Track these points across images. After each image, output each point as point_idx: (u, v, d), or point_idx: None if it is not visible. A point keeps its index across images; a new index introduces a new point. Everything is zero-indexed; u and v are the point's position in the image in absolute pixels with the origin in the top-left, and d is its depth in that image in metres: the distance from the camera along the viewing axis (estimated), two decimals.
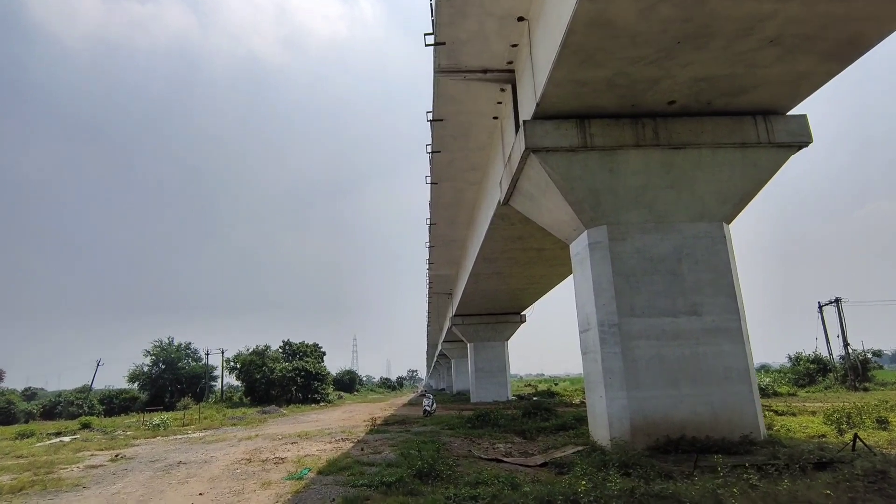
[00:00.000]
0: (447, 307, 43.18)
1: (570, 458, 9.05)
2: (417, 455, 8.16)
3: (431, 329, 61.77)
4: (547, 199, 10.97)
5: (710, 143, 10.16)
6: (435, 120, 14.44)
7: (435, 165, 17.27)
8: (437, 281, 35.15)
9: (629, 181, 10.19)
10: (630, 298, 9.97)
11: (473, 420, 15.11)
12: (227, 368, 46.20)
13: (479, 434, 13.37)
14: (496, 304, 34.79)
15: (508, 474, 6.95)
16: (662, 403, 9.49)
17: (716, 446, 8.89)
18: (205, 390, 50.66)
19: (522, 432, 13.56)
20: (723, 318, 9.96)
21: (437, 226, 23.67)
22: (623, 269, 10.11)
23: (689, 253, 10.25)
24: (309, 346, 51.55)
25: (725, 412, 9.51)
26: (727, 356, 9.79)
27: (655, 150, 10.14)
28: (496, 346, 38.06)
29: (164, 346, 55.18)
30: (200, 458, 10.45)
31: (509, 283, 27.68)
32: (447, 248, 27.22)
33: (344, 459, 9.03)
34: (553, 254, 21.77)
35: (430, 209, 21.56)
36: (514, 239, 19.41)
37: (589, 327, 10.54)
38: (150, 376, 53.17)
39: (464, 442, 12.05)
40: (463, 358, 59.39)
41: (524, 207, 12.33)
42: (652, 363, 9.66)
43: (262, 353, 44.74)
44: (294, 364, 43.45)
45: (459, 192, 19.65)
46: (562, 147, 9.98)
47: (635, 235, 10.30)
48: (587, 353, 10.71)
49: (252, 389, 42.68)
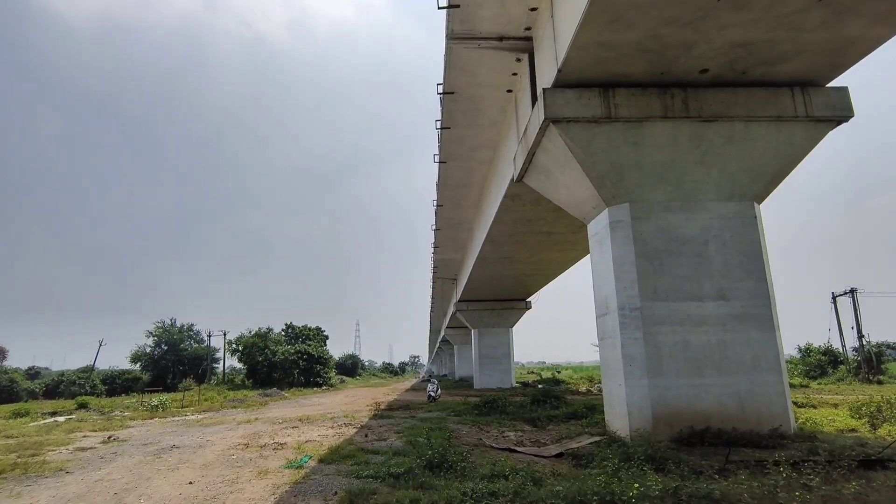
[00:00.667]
0: (451, 292, 42.67)
1: (587, 448, 8.50)
2: (426, 443, 7.61)
3: (435, 315, 61.29)
4: (565, 175, 10.29)
5: (743, 115, 9.43)
6: (446, 93, 13.71)
7: (444, 142, 16.56)
8: (442, 265, 34.54)
9: (655, 156, 9.50)
10: (653, 281, 9.34)
11: (481, 407, 14.60)
12: (230, 350, 45.96)
13: (487, 421, 12.85)
14: (502, 290, 34.23)
15: (526, 466, 6.39)
16: (686, 393, 8.91)
17: (743, 439, 8.34)
18: (207, 372, 50.54)
19: (532, 420, 13.05)
20: (752, 304, 9.33)
21: (444, 207, 22.99)
22: (646, 249, 9.47)
23: (718, 234, 9.59)
24: (312, 329, 51.31)
25: (753, 403, 8.93)
26: (756, 344, 9.18)
27: (684, 123, 9.43)
28: (501, 332, 37.57)
29: (167, 328, 55.03)
30: (195, 442, 9.95)
31: (516, 268, 27.06)
32: (453, 231, 26.55)
33: (347, 446, 8.49)
34: (563, 238, 21.12)
35: (437, 190, 20.87)
36: (523, 221, 18.74)
37: (608, 311, 9.93)
38: (152, 357, 53.09)
39: (472, 429, 11.53)
40: (466, 344, 59.12)
41: (539, 185, 11.66)
42: (676, 350, 9.07)
43: (264, 336, 44.44)
44: (297, 347, 43.16)
45: (468, 172, 18.95)
46: (583, 117, 9.28)
47: (660, 214, 9.64)
48: (605, 338, 10.12)
49: (254, 372, 42.43)
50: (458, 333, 57.76)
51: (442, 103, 14.64)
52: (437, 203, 22.72)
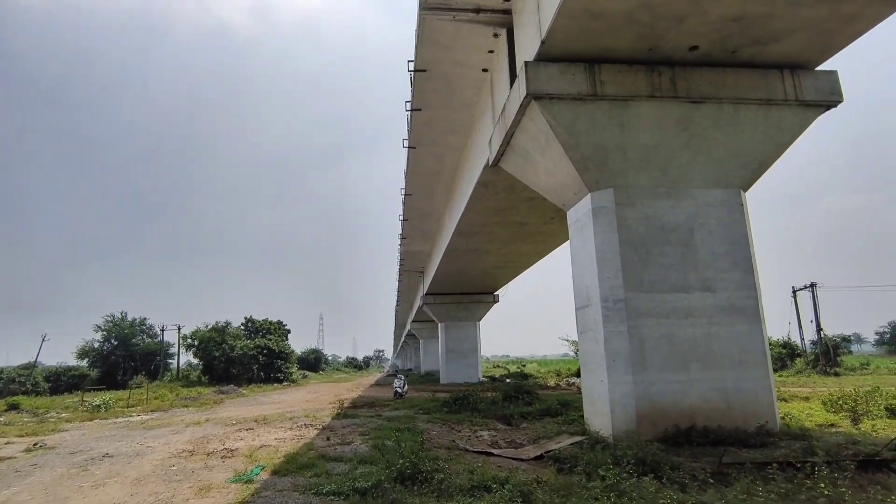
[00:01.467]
0: (418, 286, 41.88)
1: (568, 450, 7.89)
2: (395, 448, 6.82)
3: (400, 308, 60.42)
4: (546, 158, 9.63)
5: (731, 98, 8.97)
6: (417, 70, 12.85)
7: (414, 126, 15.69)
8: (409, 258, 33.67)
9: (641, 138, 8.93)
10: (638, 271, 8.80)
11: (451, 404, 13.89)
12: (185, 345, 43.78)
13: (458, 420, 12.16)
14: (470, 284, 33.64)
15: (508, 475, 5.68)
16: (671, 389, 8.41)
17: (730, 437, 7.91)
18: (160, 368, 48.16)
19: (505, 418, 12.43)
20: (738, 296, 8.92)
21: (413, 197, 22.11)
22: (631, 237, 8.92)
23: (704, 222, 9.13)
24: (273, 323, 49.55)
25: (739, 399, 8.51)
26: (742, 337, 8.76)
27: (672, 104, 8.89)
28: (468, 326, 37.05)
29: (117, 322, 52.19)
30: (133, 450, 8.85)
31: (486, 260, 26.46)
32: (422, 221, 25.71)
33: (306, 453, 7.61)
34: (535, 229, 20.59)
35: (406, 178, 19.97)
36: (495, 211, 18.08)
37: (589, 303, 9.35)
38: (100, 353, 50.24)
39: (443, 429, 10.81)
40: (432, 338, 58.48)
41: (517, 169, 10.97)
42: (661, 344, 8.56)
43: (222, 330, 42.52)
44: (256, 342, 41.48)
45: (439, 159, 18.13)
46: (568, 94, 8.61)
47: (645, 201, 9.10)
48: (585, 331, 9.54)
49: (210, 368, 40.55)
50: (425, 327, 57.05)
51: (413, 83, 13.77)
52: (406, 192, 21.82)
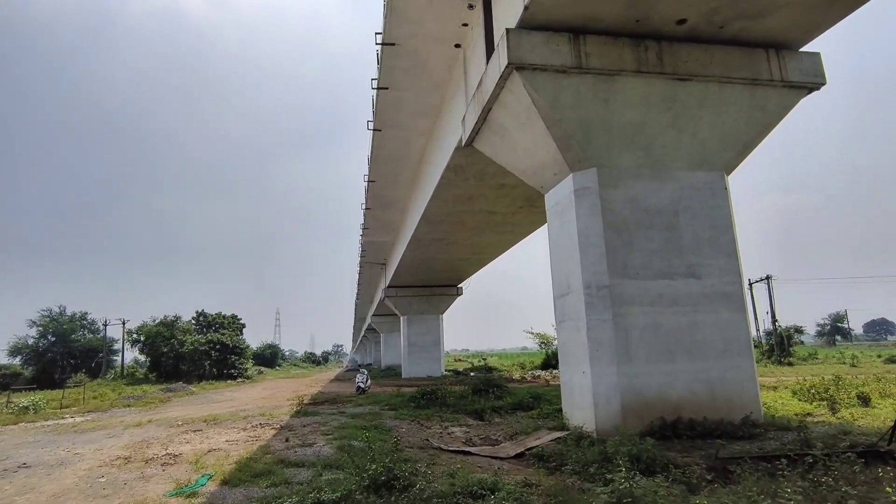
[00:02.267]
0: (379, 278, 40.91)
1: (551, 447, 7.34)
2: (364, 450, 6.05)
3: (360, 302, 59.22)
4: (525, 135, 9.02)
5: (718, 76, 8.58)
6: (385, 44, 12.01)
7: (380, 106, 14.83)
8: (371, 249, 32.65)
9: (626, 115, 8.44)
10: (623, 256, 8.33)
11: (418, 399, 13.18)
12: (130, 341, 41.29)
13: (427, 415, 11.47)
14: (433, 276, 32.97)
15: (494, 478, 5.04)
16: (657, 380, 7.99)
17: (717, 430, 7.55)
18: (102, 365, 45.32)
19: (476, 413, 11.84)
20: (723, 282, 8.58)
21: (377, 184, 21.19)
22: (615, 221, 8.43)
23: (688, 205, 8.74)
24: (226, 317, 47.44)
25: (724, 390, 8.19)
26: (727, 326, 8.44)
27: (658, 80, 8.43)
28: (431, 319, 36.44)
29: (55, 317, 48.83)
30: (57, 458, 7.73)
31: (451, 251, 25.83)
32: (385, 210, 24.80)
33: (262, 457, 6.73)
34: (503, 219, 20.07)
35: (370, 163, 19.04)
36: (464, 199, 17.43)
37: (569, 290, 8.82)
38: (35, 350, 46.91)
39: (412, 426, 10.10)
40: (393, 332, 57.57)
41: (492, 148, 10.33)
42: (646, 333, 8.12)
43: (170, 325, 40.27)
44: (208, 336, 39.50)
45: (405, 143, 17.32)
46: (551, 66, 8.00)
47: (628, 182, 8.63)
48: (565, 321, 9.02)
49: (158, 365, 38.35)
50: (386, 321, 56.10)
51: (380, 59, 12.92)
52: (369, 178, 20.87)
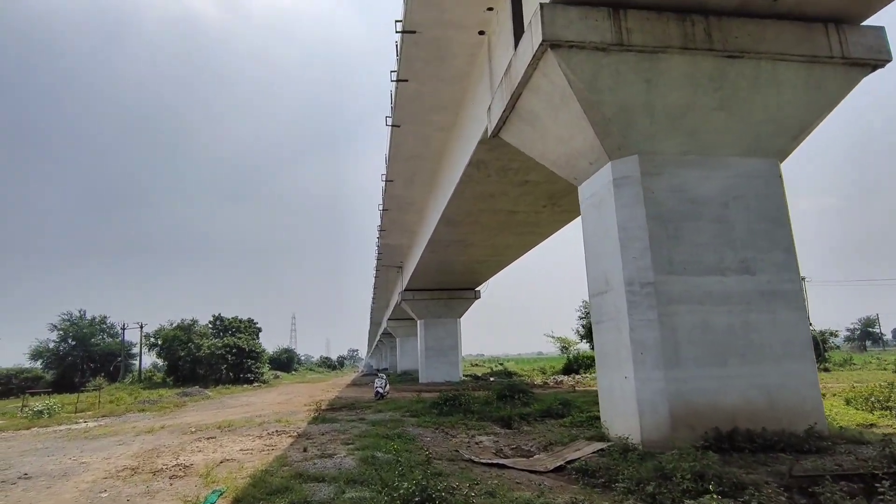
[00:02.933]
0: (396, 282, 40.43)
1: (594, 461, 6.65)
2: (393, 464, 5.44)
3: (376, 306, 58.76)
4: (558, 121, 8.37)
5: (772, 52, 7.86)
6: (406, 32, 11.46)
7: (399, 100, 14.28)
8: (388, 252, 32.16)
9: (670, 97, 7.75)
10: (668, 250, 7.62)
11: (440, 405, 12.54)
12: (147, 345, 41.31)
13: (451, 423, 10.83)
14: (451, 279, 32.35)
15: (539, 497, 4.38)
16: (708, 386, 7.26)
17: (779, 442, 6.78)
18: (120, 369, 45.42)
19: (502, 420, 11.15)
20: (779, 279, 7.82)
21: (394, 184, 20.65)
22: (659, 212, 7.73)
23: (739, 195, 8.01)
24: (243, 321, 47.36)
25: (784, 398, 7.41)
26: (784, 326, 7.67)
27: (706, 58, 7.73)
28: (448, 323, 35.76)
29: (75, 321, 49.12)
30: (61, 468, 7.24)
31: (470, 253, 25.19)
32: (402, 212, 24.25)
33: (278, 470, 6.16)
34: (525, 218, 19.38)
35: (388, 161, 18.50)
36: (485, 197, 16.80)
37: (608, 288, 8.13)
38: (56, 353, 47.23)
39: (437, 434, 9.47)
40: (409, 336, 57.02)
41: (521, 138, 9.70)
42: (695, 334, 7.40)
43: (187, 329, 40.22)
44: (225, 340, 39.34)
45: (424, 140, 16.75)
46: (590, 43, 7.36)
47: (673, 170, 7.93)
48: (603, 321, 8.33)
49: (175, 368, 38.26)
50: (402, 325, 55.58)
51: (400, 49, 12.37)
52: (387, 178, 20.34)
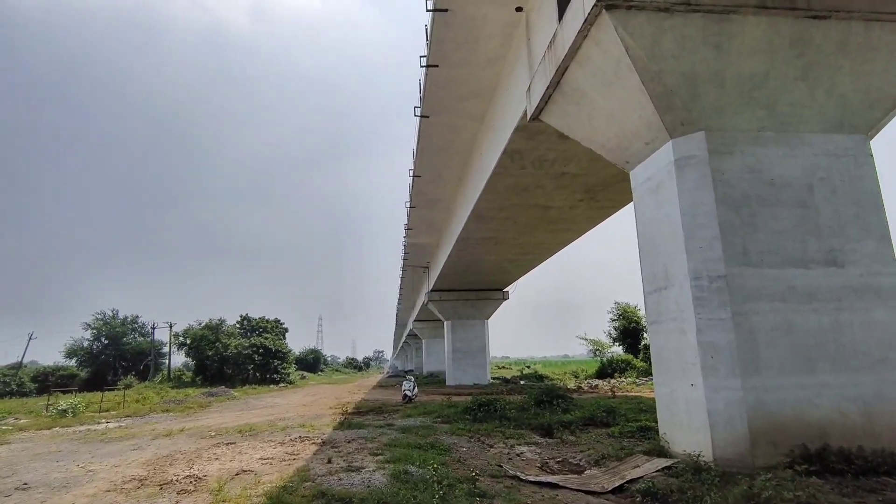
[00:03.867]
0: (422, 283, 39.78)
1: (661, 481, 5.72)
2: (427, 478, 4.62)
3: (402, 307, 58.31)
4: (610, 97, 7.46)
5: (864, 12, 6.79)
6: (437, 10, 10.70)
7: (429, 87, 13.51)
8: (414, 251, 31.50)
9: (743, 65, 6.77)
10: (743, 239, 6.64)
11: (474, 410, 11.69)
12: (177, 344, 41.56)
13: (487, 430, 9.98)
14: (479, 279, 31.49)
15: None
16: (794, 396, 6.24)
17: (884, 464, 5.73)
18: (151, 368, 45.90)
19: (542, 428, 10.26)
20: (873, 272, 6.74)
21: (422, 179, 19.92)
22: (731, 195, 6.76)
23: (825, 177, 6.96)
24: (270, 321, 47.35)
25: (883, 411, 6.33)
26: (882, 328, 6.59)
27: (786, 19, 6.72)
28: (476, 324, 34.90)
29: (108, 320, 49.96)
30: (66, 476, 6.66)
31: (499, 252, 24.29)
32: (430, 209, 23.53)
33: (299, 486, 5.40)
34: (559, 214, 18.39)
35: (416, 155, 17.77)
36: (518, 191, 15.90)
37: (668, 283, 7.18)
38: (90, 352, 48.07)
39: (472, 444, 8.63)
40: (435, 338, 56.40)
41: (565, 120, 8.81)
42: (776, 336, 6.39)
43: (215, 328, 40.30)
44: (252, 340, 39.26)
45: (454, 131, 15.96)
46: (651, 3, 6.45)
47: (746, 148, 6.94)
48: (662, 321, 7.37)
49: (203, 368, 38.34)
50: (427, 327, 54.99)
51: (430, 31, 11.61)
52: (414, 173, 19.63)
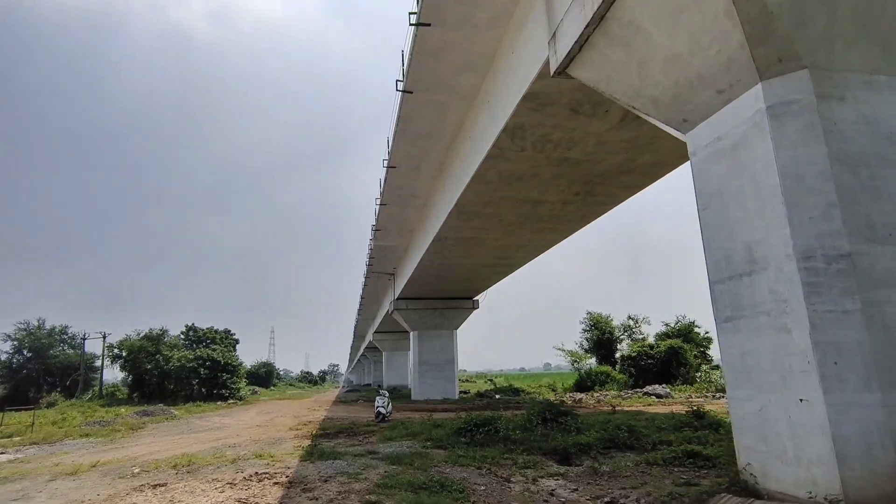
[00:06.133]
0: (386, 291, 37.62)
1: None
2: None
3: (362, 318, 55.69)
4: (678, 29, 5.81)
5: None
6: None
7: (417, 53, 11.63)
8: (381, 256, 29.31)
9: None
10: (865, 207, 5.05)
11: (470, 431, 9.71)
12: (110, 357, 37.49)
13: (492, 457, 8.05)
14: (449, 286, 29.66)
15: None
16: None
17: None
18: (80, 383, 41.35)
19: (556, 452, 8.42)
20: None
21: (397, 171, 17.92)
22: (847, 152, 5.18)
23: None
24: (219, 332, 43.71)
25: None
26: None
27: None
28: (444, 335, 33.04)
29: (32, 330, 44.96)
30: None
31: (476, 255, 22.51)
32: (403, 206, 21.52)
33: None
34: (549, 211, 16.79)
35: (393, 140, 15.74)
36: (511, 181, 14.20)
37: (755, 267, 5.51)
38: (8, 366, 43.03)
39: (484, 477, 6.68)
40: (396, 351, 54.20)
41: (602, 69, 7.10)
42: None
43: (156, 339, 36.55)
44: (197, 352, 35.76)
45: (441, 112, 14.13)
46: None
47: (860, 94, 5.40)
48: (744, 316, 5.66)
49: (141, 383, 34.55)
50: (389, 338, 52.81)
51: None
52: (389, 163, 17.57)
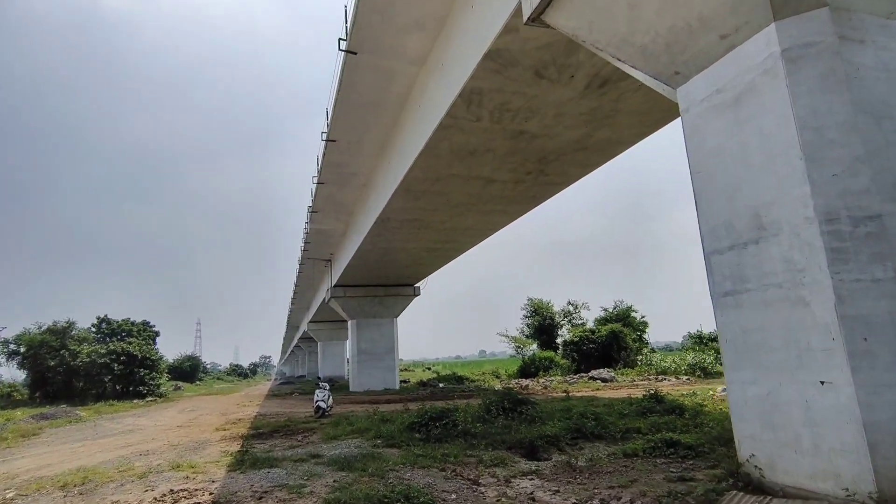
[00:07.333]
0: (322, 279, 35.88)
1: None
2: None
3: (295, 308, 53.39)
4: None
5: None
6: None
7: (361, 8, 10.37)
8: (318, 240, 27.64)
9: None
10: (891, 163, 4.50)
11: (425, 426, 8.72)
12: (6, 353, 33.28)
13: (454, 454, 7.12)
14: (390, 273, 28.51)
15: None
16: None
17: None
18: None
19: (522, 445, 7.63)
20: None
21: (337, 145, 16.46)
22: (870, 101, 4.60)
23: None
24: (135, 324, 40.13)
25: None
26: None
27: None
28: (384, 323, 31.95)
29: None
30: None
31: (421, 238, 21.48)
32: (343, 185, 20.05)
33: None
34: (500, 191, 16.02)
35: (334, 109, 14.28)
36: (463, 155, 13.25)
37: (763, 233, 4.87)
38: None
39: (450, 480, 5.73)
40: (333, 340, 52.36)
41: (583, 15, 6.21)
42: None
43: (61, 333, 32.79)
44: (110, 346, 32.45)
45: (387, 78, 12.90)
46: None
47: (878, 38, 4.85)
48: (750, 289, 5.02)
49: (43, 381, 30.85)
50: (325, 328, 50.86)
51: None
52: (328, 137, 16.04)
